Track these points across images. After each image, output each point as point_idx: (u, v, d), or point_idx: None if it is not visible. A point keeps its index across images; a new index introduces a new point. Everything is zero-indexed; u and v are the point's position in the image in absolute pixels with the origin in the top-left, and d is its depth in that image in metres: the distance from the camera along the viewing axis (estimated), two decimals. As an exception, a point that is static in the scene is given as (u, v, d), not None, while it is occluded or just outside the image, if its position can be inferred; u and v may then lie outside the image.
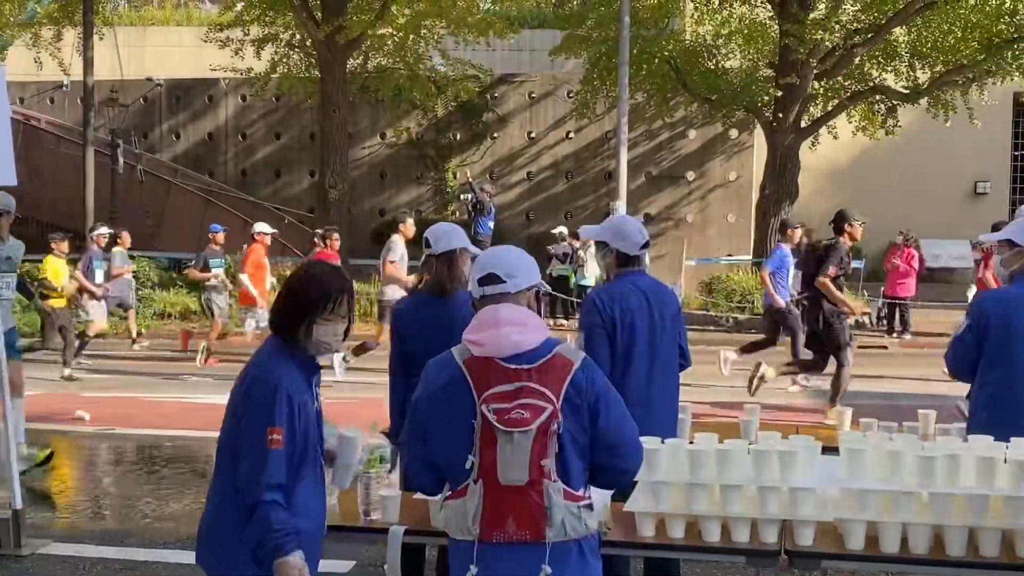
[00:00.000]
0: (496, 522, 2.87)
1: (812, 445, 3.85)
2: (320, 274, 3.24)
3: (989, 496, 3.55)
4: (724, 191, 23.08)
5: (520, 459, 2.83)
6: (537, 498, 2.85)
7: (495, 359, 2.90)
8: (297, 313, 3.15)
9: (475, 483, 2.88)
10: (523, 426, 2.83)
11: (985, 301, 4.59)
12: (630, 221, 4.90)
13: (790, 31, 17.59)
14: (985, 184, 23.56)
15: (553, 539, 2.86)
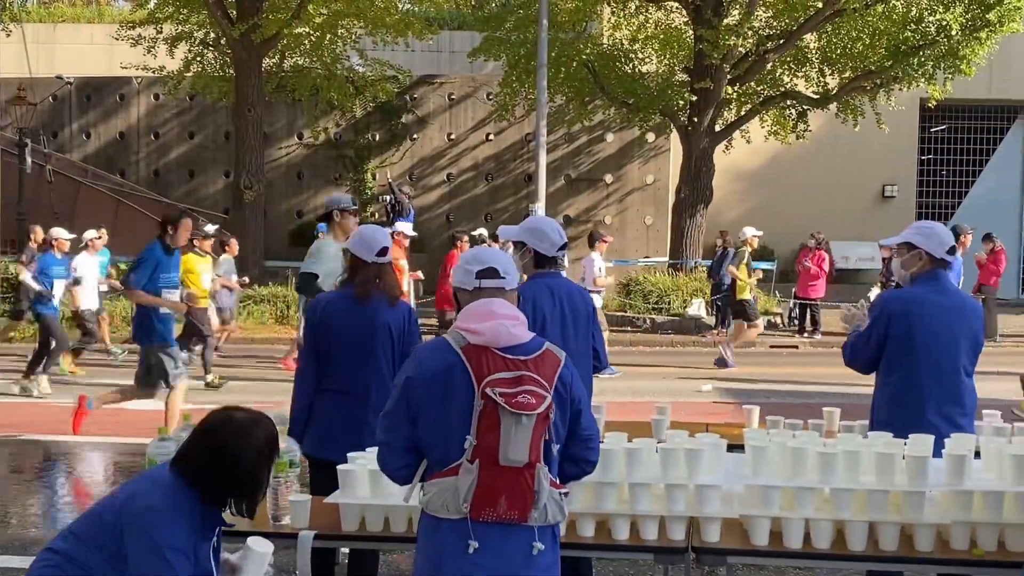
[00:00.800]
0: (488, 501, 2.95)
1: (718, 443, 3.91)
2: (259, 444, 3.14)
3: (888, 491, 3.65)
4: (641, 194, 23.33)
5: (524, 441, 2.94)
6: (529, 480, 2.96)
7: (491, 348, 3.02)
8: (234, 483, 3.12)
9: (470, 463, 2.95)
10: (530, 410, 2.95)
11: (888, 302, 4.70)
12: (550, 223, 4.92)
13: (704, 37, 17.85)
14: (893, 187, 24.22)
15: (536, 522, 2.99)
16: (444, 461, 3.01)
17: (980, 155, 25.23)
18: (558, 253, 4.78)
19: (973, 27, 16.97)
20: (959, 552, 3.63)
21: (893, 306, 4.60)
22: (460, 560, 2.96)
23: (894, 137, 21.89)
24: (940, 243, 4.59)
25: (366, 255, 4.65)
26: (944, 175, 25.28)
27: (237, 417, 3.18)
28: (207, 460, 3.10)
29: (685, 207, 19.76)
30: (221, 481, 3.11)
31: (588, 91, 19.78)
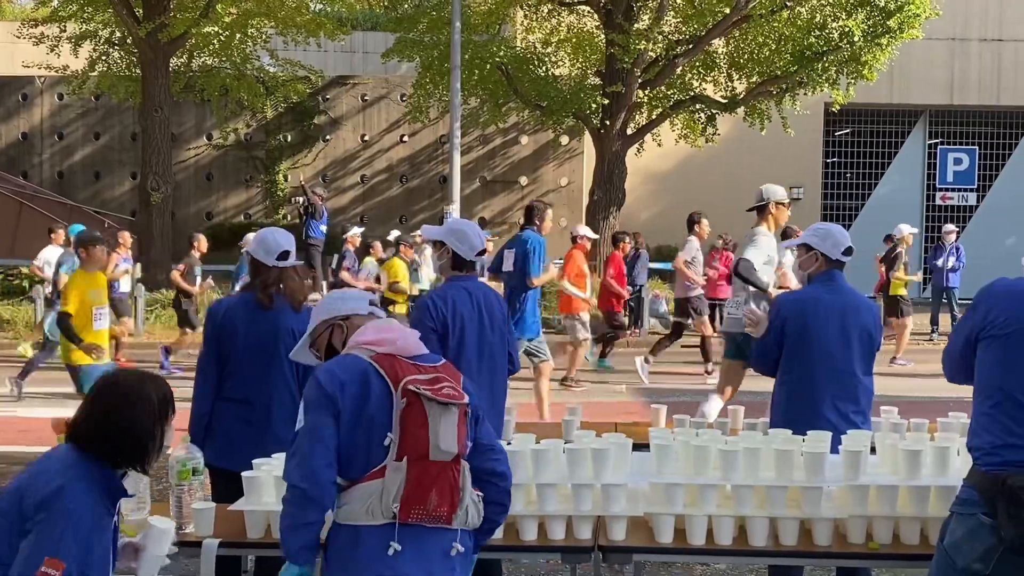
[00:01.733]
0: (418, 498, 2.94)
1: (624, 443, 3.96)
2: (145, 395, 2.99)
3: (787, 487, 3.74)
4: (556, 196, 23.48)
5: (452, 431, 2.97)
6: (456, 476, 2.99)
7: (399, 357, 3.04)
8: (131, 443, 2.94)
9: (397, 461, 2.94)
10: (457, 399, 3.01)
11: (783, 303, 4.84)
12: (472, 226, 4.95)
13: (615, 41, 18.05)
14: (799, 189, 24.74)
15: (458, 525, 3.01)
16: (366, 466, 2.98)
17: (882, 158, 25.97)
18: (476, 257, 4.82)
19: (875, 34, 17.45)
20: (855, 546, 3.73)
21: (788, 307, 4.75)
22: (378, 564, 2.93)
23: (800, 140, 22.40)
24: (835, 244, 4.75)
25: (266, 259, 4.59)
26: (848, 177, 25.96)
27: (125, 379, 3.06)
28: (102, 426, 2.94)
29: (599, 209, 19.94)
30: (118, 443, 2.94)
31: (502, 93, 19.84)
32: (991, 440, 3.11)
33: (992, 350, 3.17)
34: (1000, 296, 3.22)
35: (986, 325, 3.20)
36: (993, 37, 24.71)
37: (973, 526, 3.09)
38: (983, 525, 3.05)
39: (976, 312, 3.26)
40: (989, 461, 3.09)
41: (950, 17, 22.70)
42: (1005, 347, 3.14)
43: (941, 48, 24.15)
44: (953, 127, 25.74)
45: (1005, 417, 3.10)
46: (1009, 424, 3.09)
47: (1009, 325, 3.14)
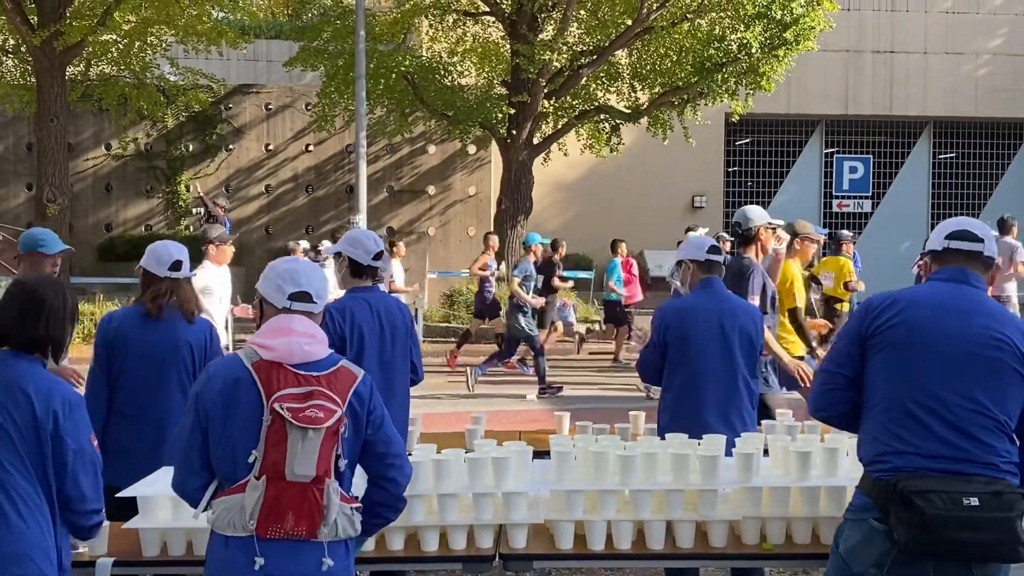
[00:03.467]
0: (275, 517, 2.93)
1: (525, 451, 3.99)
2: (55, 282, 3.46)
3: (684, 490, 3.82)
4: (464, 205, 23.52)
5: (310, 456, 2.93)
6: (318, 496, 2.95)
7: (284, 365, 3.01)
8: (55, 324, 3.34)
9: (257, 479, 2.93)
10: (317, 424, 2.94)
11: (666, 312, 4.96)
12: (366, 232, 4.96)
13: (520, 51, 18.17)
14: (702, 198, 25.27)
15: (326, 538, 2.97)
16: (232, 478, 2.98)
17: (781, 167, 26.63)
18: (374, 262, 4.79)
19: (772, 45, 17.88)
20: (750, 546, 3.83)
21: (669, 315, 4.88)
22: (248, 572, 2.93)
23: (702, 150, 22.85)
24: (698, 247, 4.91)
25: (158, 270, 4.55)
26: (749, 186, 26.55)
27: (26, 279, 3.49)
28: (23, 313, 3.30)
29: (506, 218, 20.03)
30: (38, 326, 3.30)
31: (408, 103, 19.80)
32: (881, 448, 3.19)
33: (880, 360, 3.24)
34: (895, 302, 3.29)
35: (873, 335, 3.27)
36: (885, 49, 25.58)
37: (867, 531, 3.16)
38: (876, 531, 3.13)
39: (860, 323, 3.32)
40: (880, 468, 3.18)
41: (844, 30, 23.43)
42: (893, 356, 3.22)
43: (836, 60, 24.91)
44: (848, 137, 26.56)
45: (894, 425, 3.18)
46: (898, 431, 3.17)
47: (897, 335, 3.22)
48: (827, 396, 3.39)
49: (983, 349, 3.18)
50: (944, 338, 3.19)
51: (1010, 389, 3.18)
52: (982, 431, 3.15)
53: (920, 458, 3.12)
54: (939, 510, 2.98)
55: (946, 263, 3.36)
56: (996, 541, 3.02)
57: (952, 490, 3.03)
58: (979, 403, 3.15)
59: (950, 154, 26.89)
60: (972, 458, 3.12)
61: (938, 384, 3.16)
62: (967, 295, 3.28)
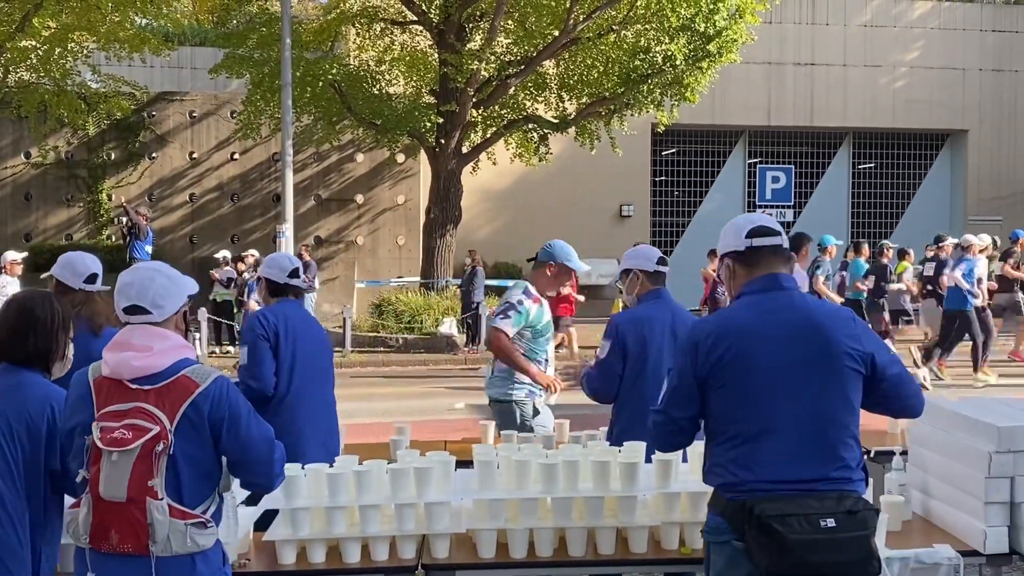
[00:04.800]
0: (101, 534, 2.97)
1: (447, 460, 4.01)
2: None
3: (605, 497, 3.87)
4: (393, 214, 23.45)
5: (119, 478, 2.92)
6: (139, 515, 2.93)
7: (123, 381, 3.02)
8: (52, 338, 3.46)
9: (86, 495, 3.00)
10: (122, 446, 2.92)
11: (620, 322, 5.01)
12: (283, 253, 5.14)
13: (448, 60, 18.21)
14: (629, 207, 25.53)
15: (159, 553, 2.94)
16: (75, 492, 3.14)
17: (706, 176, 27.05)
18: (289, 280, 4.88)
19: (696, 57, 18.17)
20: (669, 552, 3.89)
21: (625, 326, 4.91)
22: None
23: (629, 160, 23.09)
24: (647, 258, 4.99)
25: (73, 281, 4.53)
26: (676, 195, 26.92)
27: (16, 295, 3.67)
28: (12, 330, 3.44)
29: (435, 227, 20.03)
30: (27, 342, 3.44)
31: (335, 111, 19.70)
32: (732, 477, 3.15)
33: (721, 394, 3.20)
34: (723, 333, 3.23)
35: (709, 372, 3.20)
36: (806, 62, 26.15)
37: (730, 554, 3.15)
38: (738, 551, 3.11)
39: (693, 362, 3.24)
40: (732, 489, 3.14)
41: (766, 43, 23.91)
42: (733, 389, 3.17)
43: (758, 72, 25.40)
44: (771, 147, 27.08)
45: (743, 453, 3.14)
46: (748, 457, 3.13)
47: (734, 368, 3.17)
48: (673, 439, 3.36)
49: (818, 358, 3.16)
50: (779, 361, 3.15)
51: (851, 390, 3.19)
52: (835, 444, 3.16)
53: (774, 482, 3.09)
54: (798, 534, 2.97)
55: (752, 263, 3.30)
56: (853, 560, 3.03)
57: (809, 512, 3.01)
58: (827, 415, 3.15)
59: (869, 164, 27.58)
60: (825, 475, 3.13)
61: (782, 409, 3.14)
62: (785, 303, 3.25)
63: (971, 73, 26.69)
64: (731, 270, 3.37)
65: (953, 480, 4.06)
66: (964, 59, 26.62)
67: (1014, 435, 3.78)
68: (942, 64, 26.49)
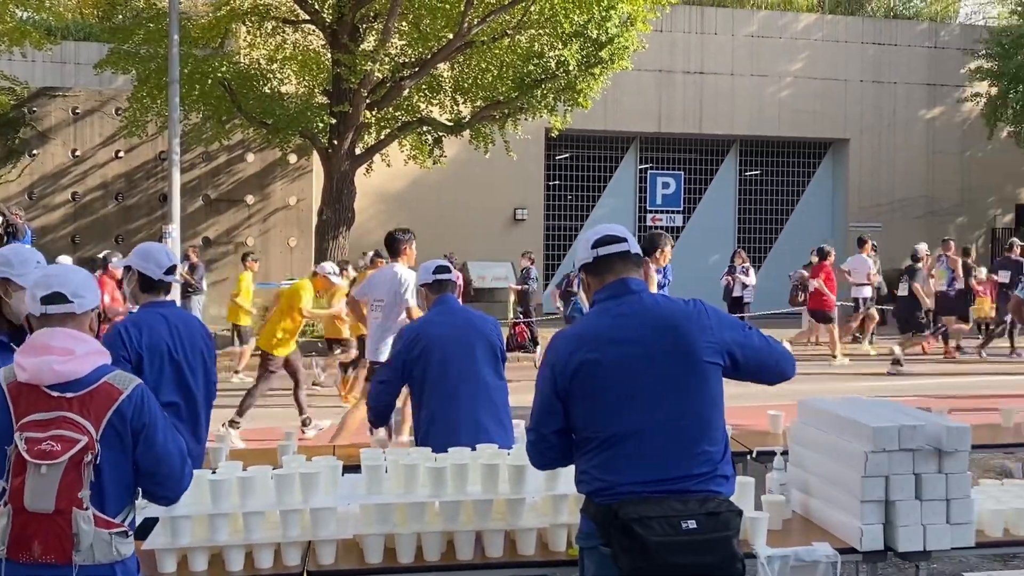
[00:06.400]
0: (22, 544, 2.87)
1: (334, 465, 3.96)
2: None
3: (493, 500, 3.88)
4: (285, 215, 23.11)
5: (47, 489, 2.84)
6: (64, 525, 2.87)
7: (40, 387, 2.89)
8: None
9: (4, 506, 2.88)
10: (52, 459, 2.84)
11: (406, 331, 5.17)
12: (158, 246, 4.80)
13: (342, 61, 18.03)
14: (523, 211, 25.67)
15: (81, 563, 2.87)
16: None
17: (599, 181, 27.38)
18: (165, 276, 4.64)
19: (588, 64, 18.37)
20: (557, 553, 3.91)
21: (410, 333, 5.05)
22: None
23: (523, 164, 23.23)
24: (425, 271, 5.29)
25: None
26: (569, 199, 27.17)
27: None
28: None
29: (328, 229, 19.79)
30: None
31: (225, 110, 19.30)
32: (600, 483, 3.18)
33: (583, 405, 3.22)
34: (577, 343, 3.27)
35: (568, 386, 3.23)
36: (696, 70, 26.70)
37: (599, 559, 3.18)
38: (606, 557, 3.14)
39: (553, 378, 3.27)
40: (600, 494, 3.17)
41: (656, 51, 24.33)
42: (594, 399, 3.20)
43: (649, 79, 25.83)
44: (661, 153, 27.56)
45: (609, 460, 3.17)
46: (614, 465, 3.16)
47: (592, 380, 3.20)
48: (546, 455, 3.37)
49: (673, 357, 3.20)
50: (632, 365, 3.19)
51: (711, 385, 3.23)
52: (695, 441, 3.19)
53: (639, 485, 3.13)
54: (659, 536, 3.00)
55: (601, 272, 3.34)
56: (715, 562, 3.05)
57: (670, 514, 3.04)
58: (686, 412, 3.19)
59: (755, 171, 28.30)
60: (689, 473, 3.16)
61: (641, 411, 3.18)
62: (636, 306, 3.28)
63: (852, 84, 27.65)
64: (585, 282, 3.43)
65: (831, 479, 4.18)
66: (846, 71, 27.55)
67: (888, 435, 3.91)
68: (825, 75, 27.37)
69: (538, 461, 3.40)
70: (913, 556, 3.95)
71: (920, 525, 3.91)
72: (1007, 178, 28.95)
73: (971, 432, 3.99)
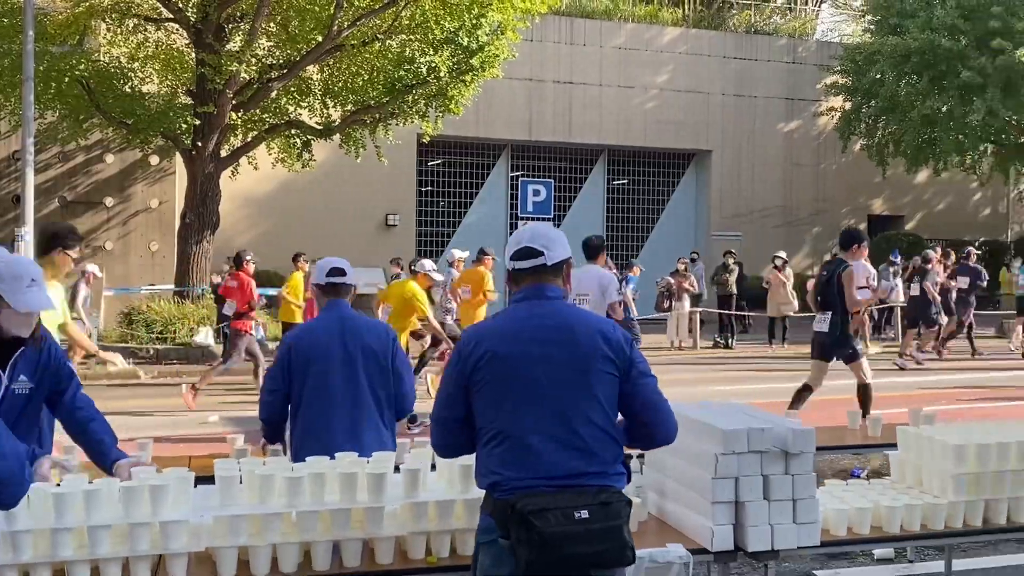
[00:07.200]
0: None
1: (185, 477, 3.85)
2: None
3: (351, 509, 3.83)
4: (146, 218, 22.43)
5: None
6: None
7: None
8: None
9: None
10: None
11: (288, 336, 5.02)
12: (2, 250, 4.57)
13: (206, 61, 17.60)
14: (395, 216, 25.56)
15: None
16: None
17: (471, 188, 27.48)
18: None
19: (459, 71, 18.42)
20: (416, 561, 3.90)
21: (290, 339, 4.92)
22: None
23: (395, 169, 23.13)
24: (320, 271, 5.00)
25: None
26: (442, 205, 27.19)
27: None
28: None
29: (191, 232, 19.29)
30: None
31: (83, 109, 18.63)
32: (498, 477, 3.26)
33: (484, 397, 3.32)
34: (482, 338, 3.38)
35: (472, 377, 3.34)
36: (565, 80, 27.07)
37: (496, 552, 3.25)
38: (503, 550, 3.21)
39: (459, 368, 3.37)
40: (501, 490, 3.25)
41: (527, 60, 24.58)
42: (494, 391, 3.30)
43: (520, 88, 26.08)
44: (532, 161, 27.85)
45: (508, 454, 3.26)
46: (512, 459, 3.25)
47: (493, 372, 3.31)
48: (445, 438, 3.46)
49: (573, 360, 3.31)
50: (535, 362, 3.30)
51: (607, 391, 3.34)
52: (590, 441, 3.29)
53: (536, 479, 3.21)
54: (555, 527, 3.08)
55: (517, 281, 3.47)
56: (606, 549, 3.16)
57: (565, 505, 3.13)
58: (582, 414, 3.29)
59: (623, 180, 28.86)
60: (583, 471, 3.26)
61: (539, 408, 3.28)
62: (546, 310, 3.39)
63: (715, 97, 28.49)
64: (507, 285, 3.56)
65: (685, 481, 4.29)
66: (709, 84, 28.37)
67: (738, 437, 4.04)
68: (689, 88, 28.12)
69: (440, 445, 3.50)
70: (762, 555, 4.07)
71: (768, 525, 4.04)
72: (860, 189, 30.30)
73: (815, 434, 4.16)
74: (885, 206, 30.98)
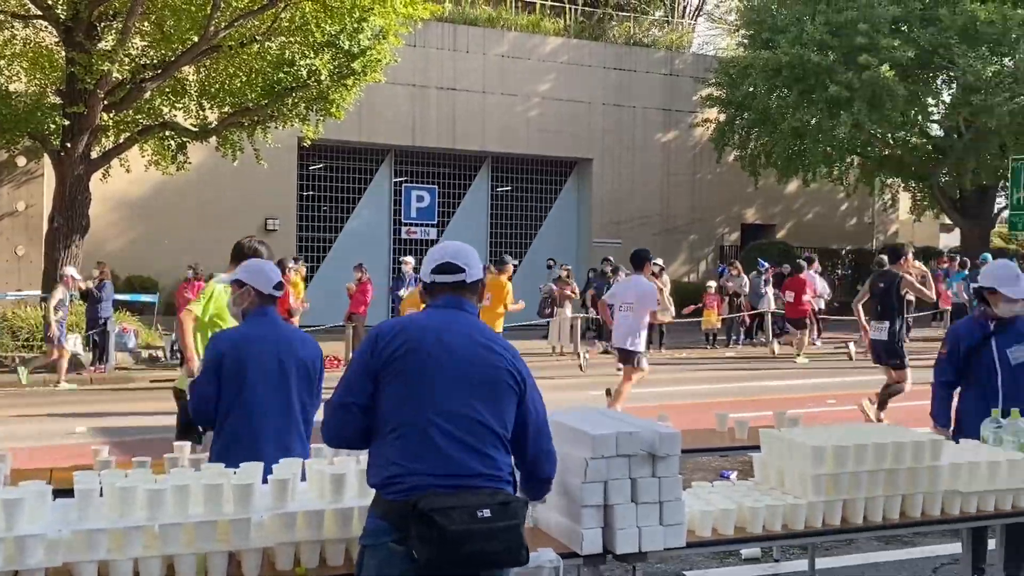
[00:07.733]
0: None
1: (43, 490, 3.72)
2: None
3: (216, 521, 3.75)
4: (12, 221, 21.57)
5: None
6: None
7: None
8: None
9: None
10: None
11: (218, 340, 4.83)
12: None
13: (77, 60, 17.02)
14: (275, 221, 25.15)
15: None
16: None
17: (354, 193, 27.25)
18: None
19: (340, 74, 18.23)
20: (284, 572, 3.84)
21: (223, 343, 4.76)
22: None
23: (275, 173, 22.76)
24: (267, 280, 4.86)
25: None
26: (324, 210, 26.88)
27: None
28: None
29: (60, 237, 18.59)
30: None
31: (-57, 108, 17.80)
32: (396, 470, 3.30)
33: (393, 387, 3.39)
34: (402, 328, 3.48)
35: (384, 364, 3.41)
36: (448, 86, 27.10)
37: (384, 556, 3.26)
38: (394, 553, 3.22)
39: (371, 353, 3.45)
40: (395, 489, 3.28)
41: (410, 65, 24.53)
42: (404, 382, 3.38)
43: (403, 93, 26.00)
44: (416, 167, 27.78)
45: (407, 447, 3.32)
46: (411, 453, 3.31)
47: (406, 363, 3.39)
48: (339, 425, 3.48)
49: (483, 370, 3.45)
50: (448, 362, 3.41)
51: (507, 405, 3.48)
52: (487, 446, 3.40)
53: (434, 477, 3.28)
54: (458, 525, 3.15)
55: (434, 295, 3.61)
56: (505, 549, 3.24)
57: (467, 504, 3.21)
58: (484, 420, 3.40)
59: (506, 187, 29.04)
60: (480, 472, 3.36)
61: (446, 406, 3.37)
62: (464, 320, 3.54)
63: (595, 106, 28.92)
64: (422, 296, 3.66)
65: (558, 487, 4.33)
66: (590, 93, 28.79)
67: (606, 442, 4.10)
68: (571, 97, 28.48)
69: (334, 432, 3.49)
70: (630, 557, 4.14)
71: (636, 527, 4.12)
72: (734, 199, 31.17)
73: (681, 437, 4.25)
74: (757, 215, 31.94)
